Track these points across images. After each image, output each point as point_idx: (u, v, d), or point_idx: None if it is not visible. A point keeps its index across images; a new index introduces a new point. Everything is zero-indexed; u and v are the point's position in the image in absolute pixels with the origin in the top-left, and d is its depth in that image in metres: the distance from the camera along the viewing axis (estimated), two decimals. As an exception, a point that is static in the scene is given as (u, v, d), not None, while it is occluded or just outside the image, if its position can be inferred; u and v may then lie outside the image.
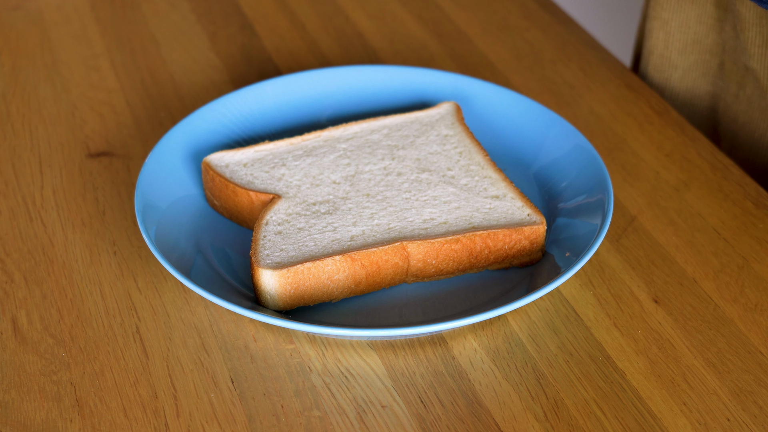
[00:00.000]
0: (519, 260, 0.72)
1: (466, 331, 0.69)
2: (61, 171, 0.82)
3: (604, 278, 0.73)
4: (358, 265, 0.68)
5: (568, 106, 0.89)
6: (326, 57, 0.96)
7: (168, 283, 0.72)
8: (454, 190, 0.75)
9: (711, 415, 0.64)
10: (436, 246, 0.70)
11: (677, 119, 0.88)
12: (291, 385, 0.66)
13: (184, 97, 0.91)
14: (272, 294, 0.68)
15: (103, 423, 0.64)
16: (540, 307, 0.71)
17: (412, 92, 0.87)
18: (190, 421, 0.64)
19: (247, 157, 0.78)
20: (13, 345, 0.68)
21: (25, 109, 0.89)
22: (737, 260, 0.74)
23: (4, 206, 0.79)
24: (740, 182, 0.81)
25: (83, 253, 0.75)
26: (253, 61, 0.96)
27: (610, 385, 0.66)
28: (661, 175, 0.82)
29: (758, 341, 0.69)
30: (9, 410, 0.64)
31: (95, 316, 0.70)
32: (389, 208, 0.73)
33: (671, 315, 0.70)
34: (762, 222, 0.78)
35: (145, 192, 0.75)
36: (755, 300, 0.71)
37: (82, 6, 1.03)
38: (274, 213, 0.73)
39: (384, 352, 0.68)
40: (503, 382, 0.66)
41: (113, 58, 0.96)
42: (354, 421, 0.64)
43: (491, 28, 1.00)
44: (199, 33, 0.99)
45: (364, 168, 0.77)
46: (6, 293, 0.72)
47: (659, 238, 0.76)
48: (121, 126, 0.87)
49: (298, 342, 0.68)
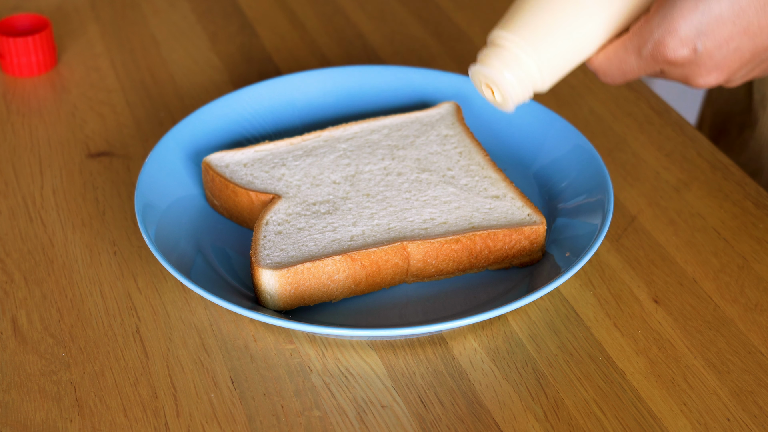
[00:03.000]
0: (519, 260, 0.72)
1: (466, 331, 0.69)
2: (61, 171, 0.82)
3: (604, 278, 0.73)
4: (358, 265, 0.68)
5: (568, 106, 0.89)
6: (326, 57, 0.96)
7: (168, 283, 0.72)
8: (454, 190, 0.75)
9: (711, 415, 0.64)
10: (436, 246, 0.70)
11: (677, 119, 0.88)
12: (291, 385, 0.66)
13: (184, 97, 0.91)
14: (272, 294, 0.68)
15: (103, 423, 0.64)
16: (540, 307, 0.71)
17: (412, 92, 0.87)
18: (190, 421, 0.64)
19: (247, 157, 0.78)
20: (13, 345, 0.68)
21: (25, 109, 0.89)
22: (737, 260, 0.74)
23: (4, 206, 0.79)
24: (740, 182, 0.81)
25: (83, 253, 0.75)
26: (253, 61, 0.96)
27: (610, 385, 0.66)
28: (661, 175, 0.82)
29: (758, 341, 0.69)
30: (9, 410, 0.64)
31: (95, 316, 0.70)
32: (389, 208, 0.73)
33: (671, 315, 0.70)
34: (762, 222, 0.78)
35: (145, 192, 0.75)
36: (755, 300, 0.71)
37: (82, 6, 1.03)
38: (274, 213, 0.73)
39: (384, 352, 0.68)
40: (503, 382, 0.66)
41: (113, 58, 0.96)
42: (354, 421, 0.64)
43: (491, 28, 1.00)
44: (199, 33, 0.99)
45: (364, 168, 0.77)
46: (6, 293, 0.72)
47: (659, 238, 0.76)
48: (121, 126, 0.87)
49: (298, 342, 0.68)
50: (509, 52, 0.66)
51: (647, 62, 0.64)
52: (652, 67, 0.64)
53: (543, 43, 0.65)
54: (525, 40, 0.65)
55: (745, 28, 0.61)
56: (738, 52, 0.62)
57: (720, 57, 0.62)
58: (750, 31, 0.61)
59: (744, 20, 0.61)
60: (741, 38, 0.61)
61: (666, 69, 0.64)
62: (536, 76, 0.66)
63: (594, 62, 0.66)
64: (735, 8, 0.60)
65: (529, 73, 0.66)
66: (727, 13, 0.60)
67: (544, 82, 0.66)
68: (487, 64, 0.67)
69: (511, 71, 0.66)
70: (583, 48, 0.66)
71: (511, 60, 0.66)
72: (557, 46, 0.65)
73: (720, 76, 0.64)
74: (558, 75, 0.67)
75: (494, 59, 0.66)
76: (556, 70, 0.66)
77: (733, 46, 0.62)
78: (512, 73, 0.66)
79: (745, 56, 0.63)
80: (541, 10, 0.65)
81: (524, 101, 0.67)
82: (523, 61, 0.66)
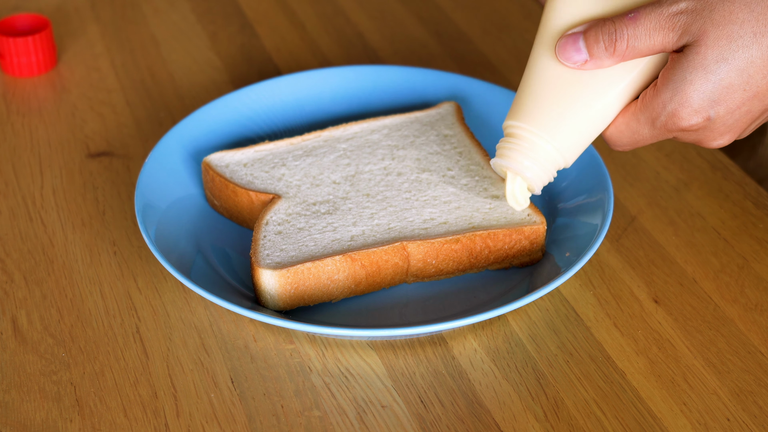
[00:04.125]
0: (519, 260, 0.72)
1: (466, 331, 0.69)
2: (61, 171, 0.82)
3: (604, 278, 0.73)
4: (358, 265, 0.68)
5: (568, 106, 0.89)
6: (326, 57, 0.96)
7: (168, 283, 0.72)
8: (454, 190, 0.75)
9: (711, 415, 0.64)
10: (436, 246, 0.70)
11: (677, 119, 0.88)
12: (291, 385, 0.66)
13: (184, 97, 0.91)
14: (272, 294, 0.68)
15: (103, 423, 0.64)
16: (540, 307, 0.71)
17: (412, 92, 0.87)
18: (190, 421, 0.64)
19: (247, 157, 0.78)
20: (13, 345, 0.68)
21: (25, 109, 0.89)
22: (737, 260, 0.74)
23: (4, 206, 0.79)
24: (740, 182, 0.81)
25: (83, 253, 0.75)
26: (253, 61, 0.96)
27: (610, 385, 0.66)
28: (661, 175, 0.82)
29: (758, 341, 0.69)
30: (9, 410, 0.64)
31: (95, 316, 0.70)
32: (389, 208, 0.73)
33: (671, 315, 0.70)
34: (762, 222, 0.78)
35: (145, 192, 0.75)
36: (755, 300, 0.71)
37: (82, 6, 1.03)
38: (274, 213, 0.73)
39: (384, 352, 0.68)
40: (503, 382, 0.66)
41: (113, 58, 0.96)
42: (354, 421, 0.64)
43: (491, 28, 1.00)
44: (199, 33, 0.99)
45: (364, 168, 0.77)
46: (6, 293, 0.72)
47: (659, 238, 0.76)
48: (121, 126, 0.87)
49: (298, 342, 0.68)
50: (526, 142, 0.67)
51: (661, 132, 0.65)
52: (665, 135, 0.65)
53: (558, 128, 0.66)
54: (540, 128, 0.66)
55: (755, 93, 0.63)
56: (749, 114, 0.64)
57: (732, 121, 0.64)
58: (759, 95, 0.63)
59: (753, 86, 0.62)
60: (752, 102, 0.63)
61: (679, 135, 0.65)
62: (558, 158, 0.67)
63: (606, 134, 0.67)
64: (744, 76, 0.62)
65: (550, 157, 0.67)
66: (737, 81, 0.62)
67: (566, 161, 0.67)
68: (506, 157, 0.68)
69: (532, 161, 0.67)
70: (597, 124, 0.66)
71: (530, 150, 0.67)
72: (572, 128, 0.66)
73: (733, 136, 0.65)
74: (578, 151, 0.67)
75: (513, 151, 0.67)
76: (576, 148, 0.67)
77: (744, 110, 0.63)
78: (532, 162, 0.67)
79: (755, 115, 0.64)
80: (551, 95, 0.66)
81: (550, 181, 0.68)
82: (541, 147, 0.66)
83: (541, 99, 0.66)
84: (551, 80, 0.66)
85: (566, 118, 0.65)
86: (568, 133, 0.66)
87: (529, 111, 0.66)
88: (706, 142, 0.65)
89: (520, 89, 0.67)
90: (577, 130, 0.66)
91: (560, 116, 0.65)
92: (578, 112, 0.65)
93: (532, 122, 0.66)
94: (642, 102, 0.65)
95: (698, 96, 0.62)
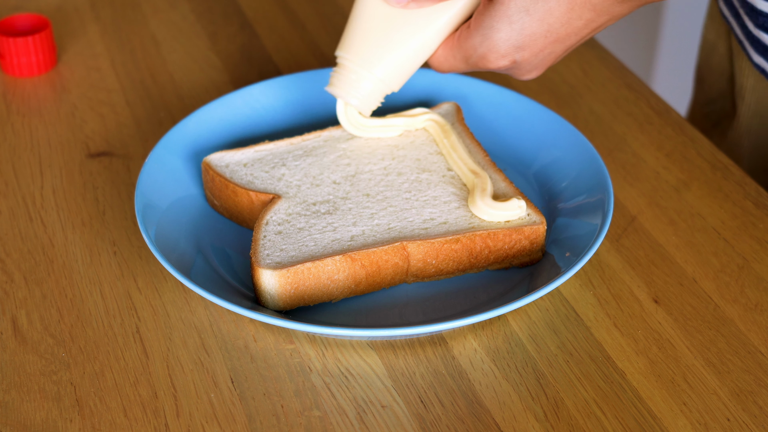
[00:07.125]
0: (519, 260, 0.72)
1: (466, 331, 0.69)
2: (61, 171, 0.82)
3: (604, 278, 0.73)
4: (358, 265, 0.68)
5: (568, 106, 0.89)
6: (326, 57, 0.96)
7: (168, 283, 0.72)
8: (454, 190, 0.75)
9: (711, 415, 0.64)
10: (436, 246, 0.70)
11: (677, 119, 0.88)
12: (291, 385, 0.66)
13: (184, 97, 0.91)
14: (272, 294, 0.68)
15: (103, 423, 0.64)
16: (540, 307, 0.71)
17: (412, 92, 0.87)
18: (190, 421, 0.64)
19: (247, 157, 0.78)
20: (13, 345, 0.68)
21: (25, 109, 0.89)
22: (737, 260, 0.74)
23: (4, 206, 0.79)
24: (740, 182, 0.81)
25: (83, 253, 0.75)
26: (253, 61, 0.96)
27: (610, 385, 0.66)
28: (661, 175, 0.82)
29: (758, 341, 0.69)
30: (9, 410, 0.64)
31: (95, 316, 0.70)
32: (389, 208, 0.73)
33: (671, 315, 0.70)
34: (762, 222, 0.78)
35: (145, 192, 0.75)
36: (755, 300, 0.71)
37: (82, 6, 1.03)
38: (274, 213, 0.73)
39: (384, 352, 0.68)
40: (503, 382, 0.66)
41: (113, 58, 0.96)
42: (354, 421, 0.64)
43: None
44: (199, 33, 0.99)
45: (364, 168, 0.77)
46: (6, 293, 0.72)
47: (659, 238, 0.76)
48: (121, 126, 0.87)
49: (298, 342, 0.68)
50: (353, 73, 0.74)
51: (474, 67, 0.73)
52: (479, 69, 0.73)
53: (382, 60, 0.74)
54: (365, 60, 0.74)
55: (555, 38, 0.70)
56: (552, 54, 0.71)
57: (537, 61, 0.71)
58: (560, 39, 0.70)
59: (553, 33, 0.70)
60: (553, 45, 0.71)
61: (492, 70, 0.73)
62: (382, 87, 0.75)
63: (430, 61, 0.75)
64: (545, 25, 0.69)
65: (374, 86, 0.75)
66: (539, 30, 0.69)
67: (391, 88, 0.75)
68: (334, 86, 0.75)
69: (356, 89, 0.75)
70: (418, 56, 0.74)
71: (356, 80, 0.74)
72: (394, 60, 0.74)
73: (539, 71, 0.73)
74: (403, 79, 0.75)
75: (340, 80, 0.75)
76: (400, 77, 0.75)
77: (547, 52, 0.71)
78: (357, 90, 0.75)
79: (558, 54, 0.72)
80: (376, 30, 0.73)
81: (378, 105, 0.76)
82: (366, 78, 0.74)
83: (368, 34, 0.74)
84: (376, 16, 0.73)
85: (389, 51, 0.74)
86: (392, 64, 0.74)
87: (356, 44, 0.74)
88: (516, 77, 0.73)
89: (350, 22, 0.75)
90: (399, 62, 0.74)
91: (384, 49, 0.74)
92: (400, 46, 0.74)
93: (358, 54, 0.74)
94: (458, 41, 0.72)
95: (503, 43, 0.70)
